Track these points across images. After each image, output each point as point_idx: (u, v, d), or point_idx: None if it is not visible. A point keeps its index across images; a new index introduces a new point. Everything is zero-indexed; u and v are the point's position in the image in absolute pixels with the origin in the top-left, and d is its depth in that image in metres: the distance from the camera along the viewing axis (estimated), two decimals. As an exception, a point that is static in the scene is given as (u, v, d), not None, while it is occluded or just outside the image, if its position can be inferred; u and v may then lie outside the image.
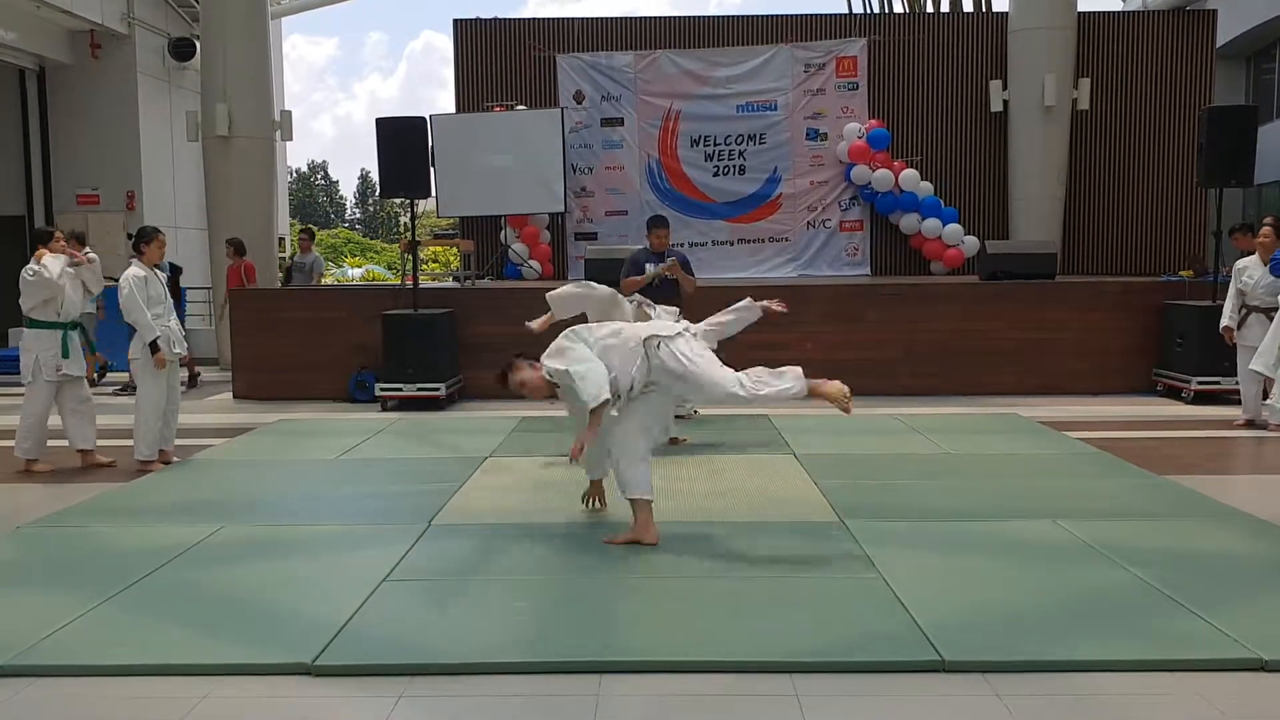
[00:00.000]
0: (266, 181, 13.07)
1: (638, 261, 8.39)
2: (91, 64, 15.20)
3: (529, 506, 5.66)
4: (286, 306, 10.64)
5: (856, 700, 3.28)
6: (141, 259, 6.94)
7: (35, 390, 6.89)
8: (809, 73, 14.34)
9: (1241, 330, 8.25)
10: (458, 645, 3.66)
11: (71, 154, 15.43)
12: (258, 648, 3.65)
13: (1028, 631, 3.75)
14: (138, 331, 6.83)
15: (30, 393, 6.92)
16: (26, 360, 6.90)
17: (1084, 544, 4.81)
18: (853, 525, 5.15)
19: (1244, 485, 6.33)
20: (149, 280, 6.89)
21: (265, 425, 8.56)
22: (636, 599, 4.16)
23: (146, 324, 6.74)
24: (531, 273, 13.78)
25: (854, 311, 10.17)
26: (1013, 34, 14.03)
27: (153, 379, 6.88)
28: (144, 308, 6.74)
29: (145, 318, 6.74)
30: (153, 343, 6.77)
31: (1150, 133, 14.61)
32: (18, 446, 6.90)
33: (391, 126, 9.65)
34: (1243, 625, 3.72)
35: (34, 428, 6.89)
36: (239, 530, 5.19)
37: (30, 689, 3.39)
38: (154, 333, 6.76)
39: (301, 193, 60.69)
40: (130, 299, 6.72)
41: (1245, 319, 8.23)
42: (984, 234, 13.65)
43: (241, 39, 12.61)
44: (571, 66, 14.44)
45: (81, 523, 5.39)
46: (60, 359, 6.90)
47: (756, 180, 14.44)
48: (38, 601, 4.13)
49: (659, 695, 3.31)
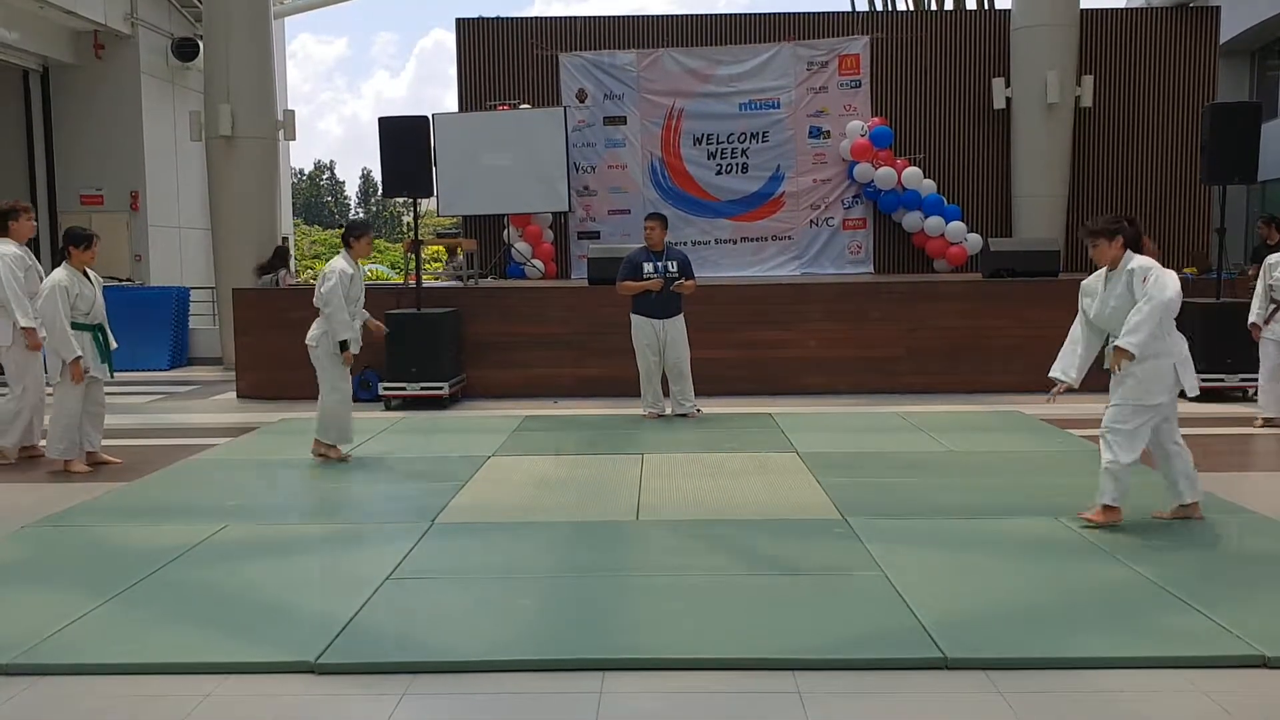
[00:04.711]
0: (270, 181, 13.08)
1: (634, 262, 8.40)
2: (95, 64, 15.22)
3: (532, 505, 5.67)
4: (290, 306, 10.62)
5: (859, 698, 3.28)
6: (70, 261, 6.71)
7: (64, 391, 6.76)
8: (812, 70, 14.33)
9: (1270, 325, 8.00)
10: (461, 643, 3.67)
11: (75, 154, 15.45)
12: (261, 646, 3.65)
13: (1030, 628, 3.75)
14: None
15: (59, 393, 6.80)
16: (55, 361, 6.74)
17: (1087, 541, 4.81)
18: (855, 523, 5.15)
19: (1247, 481, 6.31)
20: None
21: (268, 425, 8.58)
22: (639, 597, 4.16)
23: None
24: (535, 272, 13.79)
25: (857, 309, 10.16)
26: (1015, 31, 14.01)
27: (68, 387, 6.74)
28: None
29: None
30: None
31: (1153, 130, 14.58)
32: (51, 448, 6.78)
33: (394, 126, 9.66)
34: (1245, 622, 3.71)
35: (68, 429, 6.75)
36: (242, 529, 5.19)
37: (34, 687, 3.39)
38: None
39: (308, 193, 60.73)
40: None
41: (1273, 315, 8.01)
42: (987, 232, 13.63)
43: (244, 39, 12.61)
44: (574, 65, 14.44)
45: (85, 522, 5.40)
46: (92, 361, 6.77)
47: (759, 178, 14.43)
48: (41, 600, 4.14)
49: (662, 693, 3.31)
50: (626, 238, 13.37)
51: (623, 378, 9.02)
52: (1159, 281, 4.90)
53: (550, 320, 10.23)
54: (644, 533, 5.10)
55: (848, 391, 9.86)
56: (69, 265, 6.72)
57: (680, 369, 8.47)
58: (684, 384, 8.52)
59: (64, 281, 6.59)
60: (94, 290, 6.81)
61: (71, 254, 6.73)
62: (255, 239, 12.77)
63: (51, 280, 6.62)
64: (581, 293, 10.46)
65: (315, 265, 34.14)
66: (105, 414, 7.17)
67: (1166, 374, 4.99)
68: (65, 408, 6.75)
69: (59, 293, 6.53)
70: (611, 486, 6.06)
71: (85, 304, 6.72)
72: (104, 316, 6.92)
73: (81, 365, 6.64)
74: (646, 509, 5.53)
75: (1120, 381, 5.04)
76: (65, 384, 6.72)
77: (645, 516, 5.39)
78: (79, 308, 6.68)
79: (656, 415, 8.53)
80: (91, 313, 6.79)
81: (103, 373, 6.89)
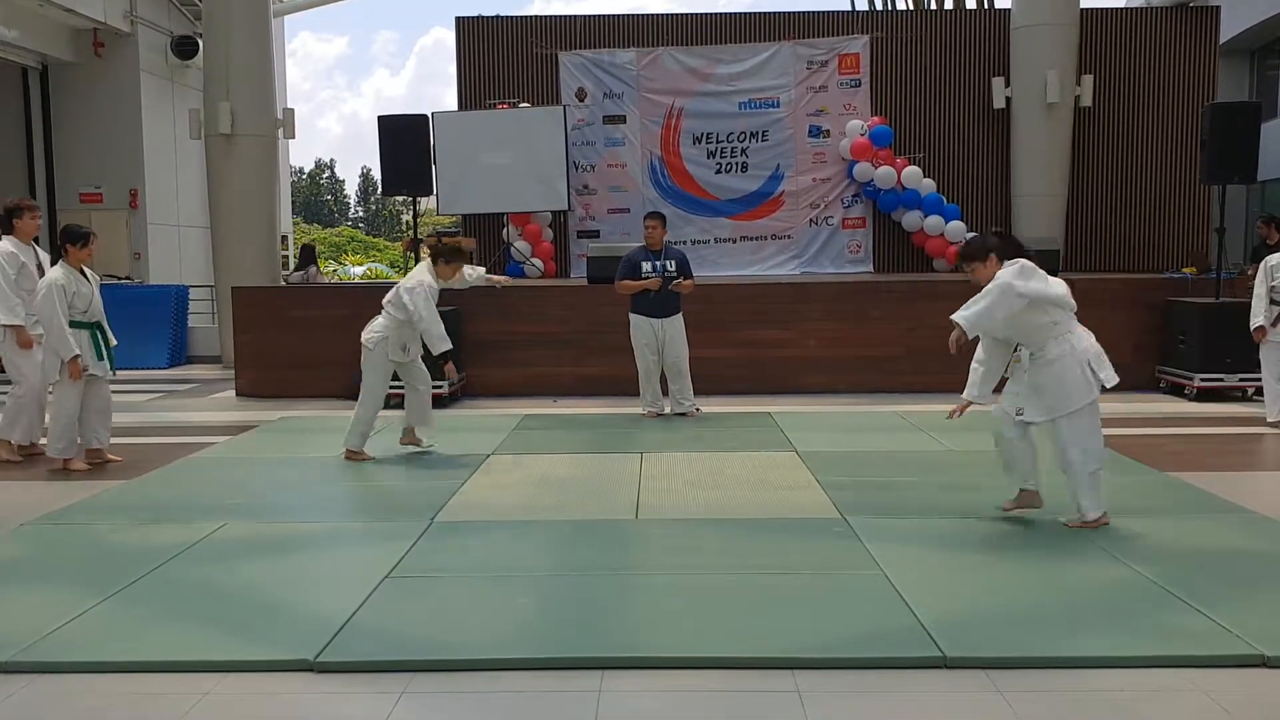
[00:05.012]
0: (269, 180, 13.07)
1: (633, 261, 8.39)
2: (94, 62, 15.21)
3: (531, 504, 5.67)
4: (289, 304, 10.63)
5: (859, 696, 3.27)
6: (67, 258, 6.71)
7: (64, 389, 6.75)
8: (811, 70, 14.32)
9: (1277, 327, 7.95)
10: (460, 642, 3.67)
11: (74, 152, 15.44)
12: (260, 644, 3.65)
13: (1030, 628, 3.74)
14: None
15: (59, 392, 6.80)
16: (54, 360, 6.71)
17: (1086, 540, 4.81)
18: (855, 522, 5.15)
19: (1247, 481, 6.31)
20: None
21: (268, 423, 8.57)
22: (639, 596, 4.16)
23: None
24: (534, 271, 13.78)
25: (856, 309, 10.15)
26: (1015, 30, 14.00)
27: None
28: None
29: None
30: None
31: (1153, 129, 14.58)
32: (51, 447, 6.79)
33: (393, 124, 9.66)
34: (1245, 621, 3.71)
35: (67, 428, 6.76)
36: (241, 527, 5.19)
37: (33, 685, 3.39)
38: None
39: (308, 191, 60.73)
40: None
41: (1277, 319, 7.97)
42: (986, 231, 13.62)
43: (244, 37, 12.60)
44: (573, 64, 14.43)
45: (83, 520, 5.40)
46: (91, 359, 6.75)
47: (759, 177, 14.43)
48: (40, 598, 4.14)
49: (661, 691, 3.31)
50: (626, 236, 13.36)
51: (622, 377, 9.01)
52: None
53: (550, 319, 10.23)
54: (643, 531, 5.10)
55: (847, 391, 9.86)
56: (65, 263, 6.70)
57: (679, 368, 8.46)
58: (683, 383, 8.52)
59: (61, 280, 6.58)
60: (91, 288, 6.80)
61: (68, 252, 6.71)
62: (255, 237, 12.75)
63: (48, 279, 6.61)
64: (581, 292, 10.46)
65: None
66: (112, 411, 7.16)
67: (1075, 375, 4.98)
68: (64, 406, 6.75)
69: (56, 291, 6.51)
70: (611, 485, 6.06)
71: (83, 302, 6.71)
72: (102, 314, 6.90)
73: (80, 364, 6.63)
74: (646, 508, 5.53)
75: (1033, 399, 5.02)
76: (64, 382, 6.71)
77: (645, 515, 5.39)
78: (76, 306, 6.66)
79: (656, 414, 8.53)
80: (89, 310, 6.77)
81: (103, 370, 6.87)
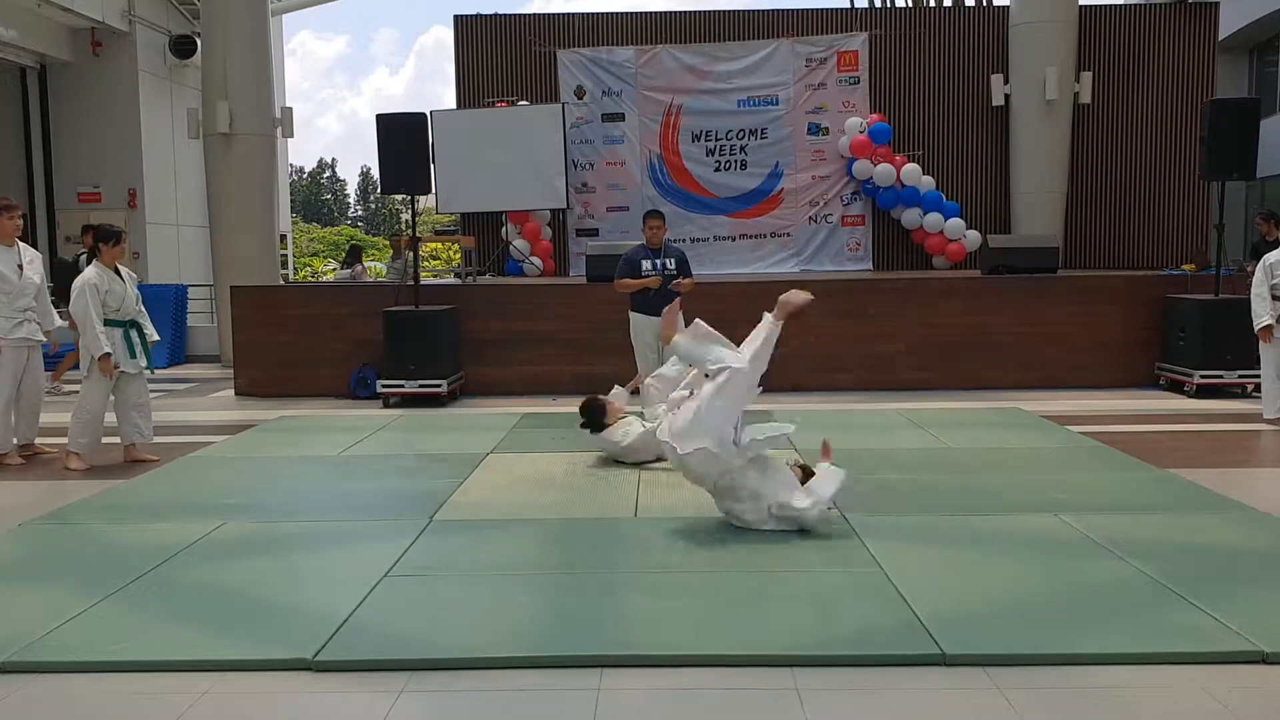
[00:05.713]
0: (268, 178, 13.07)
1: (632, 260, 8.37)
2: (92, 62, 15.21)
3: (530, 502, 5.66)
4: (288, 303, 10.64)
5: (857, 694, 3.27)
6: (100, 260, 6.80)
7: (90, 385, 6.79)
8: (810, 67, 14.33)
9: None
10: (459, 640, 3.66)
11: (73, 152, 15.44)
12: (259, 644, 3.65)
13: (1029, 625, 3.74)
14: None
15: (85, 387, 6.83)
16: (87, 357, 6.77)
17: (1086, 537, 4.80)
18: (853, 519, 5.14)
19: (1246, 478, 6.31)
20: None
21: (266, 422, 8.56)
22: (637, 593, 4.16)
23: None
24: (533, 269, 13.78)
25: (856, 306, 10.16)
26: (1014, 28, 14.01)
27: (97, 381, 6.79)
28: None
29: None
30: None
31: (1152, 126, 14.59)
32: (73, 441, 6.82)
33: (392, 122, 9.64)
34: (1245, 618, 3.71)
35: (89, 423, 6.80)
36: (240, 526, 5.19)
37: (32, 685, 3.39)
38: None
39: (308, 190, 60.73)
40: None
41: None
42: (986, 228, 13.64)
43: (242, 36, 12.60)
44: (572, 62, 14.44)
45: (83, 519, 5.39)
46: (123, 357, 6.81)
47: (758, 175, 14.44)
48: (39, 598, 4.14)
49: (660, 689, 3.31)
50: (625, 235, 13.37)
51: (621, 376, 9.00)
52: None
53: (548, 318, 10.22)
54: (642, 530, 5.09)
55: (847, 388, 9.86)
56: (99, 263, 6.82)
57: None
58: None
59: (94, 279, 6.70)
60: (124, 286, 6.89)
61: (101, 251, 6.84)
62: (253, 237, 12.76)
63: (82, 279, 6.72)
64: (580, 290, 10.45)
65: (313, 263, 34.14)
66: (151, 406, 7.23)
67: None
68: (88, 403, 6.81)
69: (89, 290, 6.62)
70: (610, 484, 6.06)
71: (115, 300, 6.80)
72: (137, 312, 6.98)
73: (111, 361, 6.70)
74: (645, 506, 5.53)
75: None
76: (93, 378, 6.78)
77: (644, 514, 5.39)
78: (109, 304, 6.76)
79: (655, 412, 8.52)
80: (122, 309, 6.85)
81: (135, 367, 6.94)
